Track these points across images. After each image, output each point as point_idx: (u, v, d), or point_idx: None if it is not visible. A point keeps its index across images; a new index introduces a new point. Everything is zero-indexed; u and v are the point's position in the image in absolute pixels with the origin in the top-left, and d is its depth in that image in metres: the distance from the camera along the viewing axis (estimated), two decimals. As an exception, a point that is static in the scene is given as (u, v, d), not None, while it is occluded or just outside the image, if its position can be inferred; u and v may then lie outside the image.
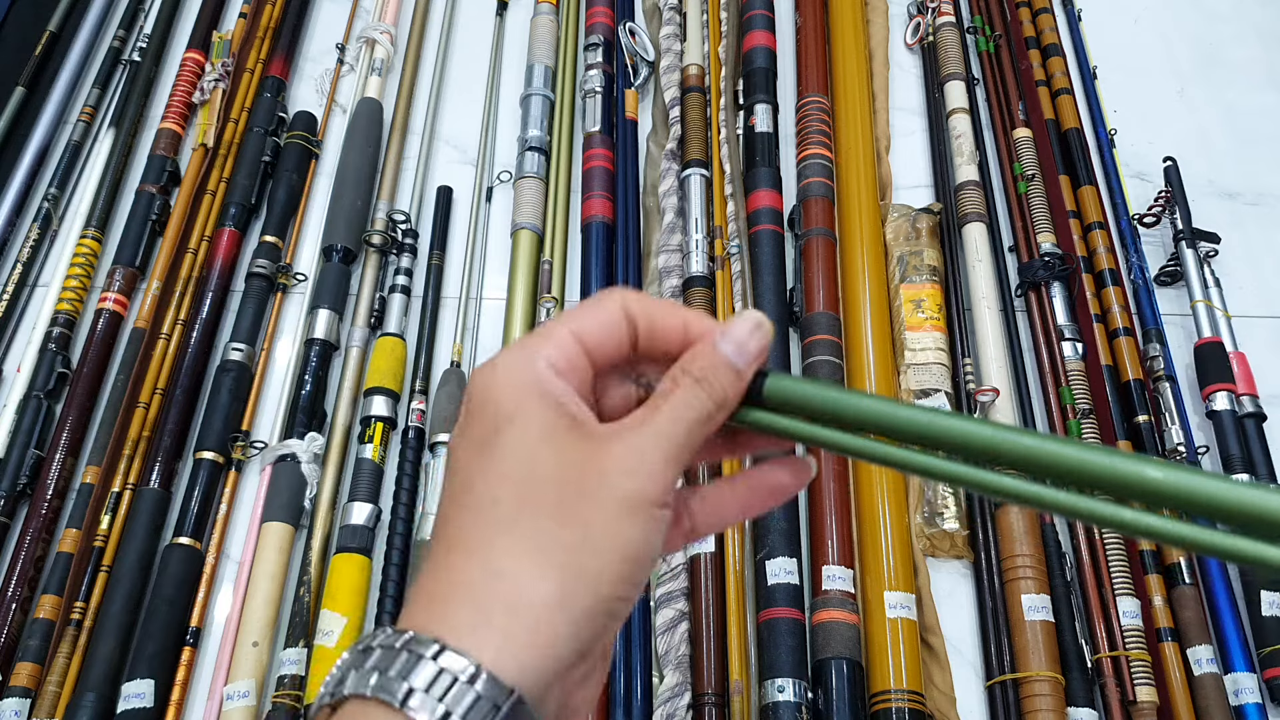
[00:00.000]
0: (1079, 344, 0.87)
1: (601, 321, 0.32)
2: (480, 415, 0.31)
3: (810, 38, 1.04)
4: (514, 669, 0.27)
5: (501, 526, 0.29)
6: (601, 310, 0.32)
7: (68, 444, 0.83)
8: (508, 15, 1.13)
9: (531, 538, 0.29)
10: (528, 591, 0.28)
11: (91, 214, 0.96)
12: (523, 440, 0.30)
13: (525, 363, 0.31)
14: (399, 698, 0.26)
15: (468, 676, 0.26)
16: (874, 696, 0.70)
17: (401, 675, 0.27)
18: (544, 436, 0.30)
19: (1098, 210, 0.94)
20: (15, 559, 0.77)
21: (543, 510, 0.29)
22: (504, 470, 0.30)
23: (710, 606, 0.73)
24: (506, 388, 0.31)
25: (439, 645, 0.27)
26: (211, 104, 1.03)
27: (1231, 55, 1.12)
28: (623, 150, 0.99)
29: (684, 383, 0.31)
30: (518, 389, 0.30)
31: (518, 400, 0.30)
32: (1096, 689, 0.72)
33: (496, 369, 0.31)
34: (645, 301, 0.32)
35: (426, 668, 0.27)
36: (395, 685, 0.27)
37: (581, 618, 0.28)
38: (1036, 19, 1.08)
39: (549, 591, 0.28)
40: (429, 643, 0.27)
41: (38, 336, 0.89)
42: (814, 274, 0.88)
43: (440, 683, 0.26)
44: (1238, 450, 0.81)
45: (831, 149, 0.97)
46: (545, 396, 0.30)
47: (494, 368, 0.31)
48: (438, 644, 0.27)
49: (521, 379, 0.31)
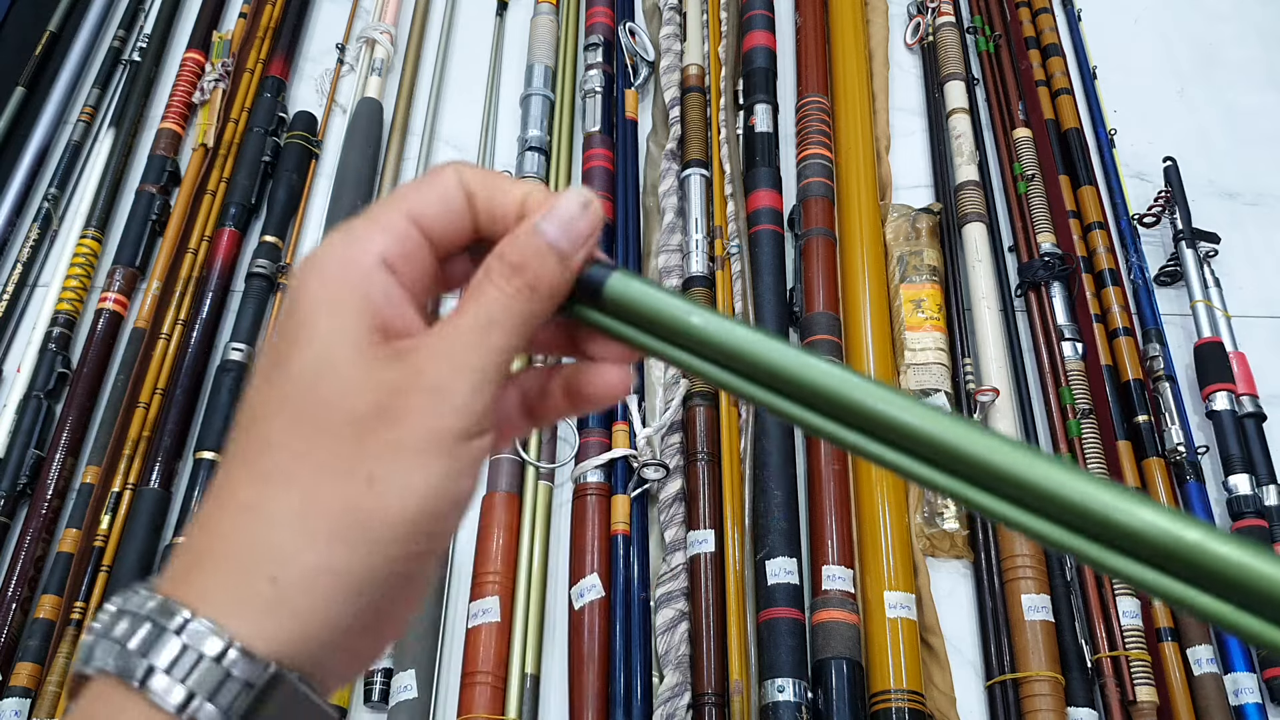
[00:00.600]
0: (1079, 344, 0.87)
1: (440, 199, 0.27)
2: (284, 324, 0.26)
3: (810, 38, 1.04)
4: (275, 641, 0.24)
5: (274, 474, 0.25)
6: (438, 186, 0.27)
7: (68, 444, 0.83)
8: (508, 15, 1.13)
9: (307, 489, 0.25)
10: (297, 555, 0.24)
11: (91, 214, 0.96)
12: (314, 363, 0.25)
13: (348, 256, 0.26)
14: (138, 677, 0.23)
15: (216, 653, 0.23)
16: (874, 696, 0.70)
17: (143, 650, 0.23)
18: (341, 357, 0.25)
19: (1098, 210, 0.94)
20: (15, 559, 0.77)
21: (324, 454, 0.25)
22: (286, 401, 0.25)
23: (710, 606, 0.73)
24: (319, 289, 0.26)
25: (187, 615, 0.24)
26: (211, 104, 1.03)
27: (1231, 55, 1.12)
28: (623, 150, 0.99)
29: (498, 274, 0.27)
30: (332, 290, 0.26)
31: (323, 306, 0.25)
32: (1096, 689, 0.72)
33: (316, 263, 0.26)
34: (483, 174, 0.28)
35: (170, 643, 0.23)
36: (135, 663, 0.23)
37: (363, 582, 0.25)
38: (1036, 19, 1.08)
39: (321, 555, 0.24)
40: (177, 612, 0.24)
41: (38, 336, 0.89)
42: (814, 274, 0.88)
43: (184, 660, 0.23)
44: (1237, 450, 0.81)
45: (831, 149, 0.97)
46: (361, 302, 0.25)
47: (314, 262, 0.26)
48: (187, 614, 0.24)
49: (339, 276, 0.26)
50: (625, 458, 0.80)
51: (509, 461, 0.80)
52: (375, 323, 0.26)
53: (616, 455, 0.79)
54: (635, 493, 0.79)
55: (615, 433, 0.81)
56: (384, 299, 0.26)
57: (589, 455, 0.80)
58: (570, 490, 0.81)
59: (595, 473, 0.79)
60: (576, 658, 0.73)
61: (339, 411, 0.25)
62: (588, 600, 0.74)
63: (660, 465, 0.79)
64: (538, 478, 0.81)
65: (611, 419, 0.81)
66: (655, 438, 0.80)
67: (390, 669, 0.72)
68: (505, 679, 0.72)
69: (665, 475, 0.79)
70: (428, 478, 0.25)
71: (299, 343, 0.25)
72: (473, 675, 0.71)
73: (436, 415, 0.25)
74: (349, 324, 0.25)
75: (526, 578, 0.76)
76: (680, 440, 0.81)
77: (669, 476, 0.79)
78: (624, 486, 0.79)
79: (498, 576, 0.75)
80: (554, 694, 0.74)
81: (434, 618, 0.74)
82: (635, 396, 0.83)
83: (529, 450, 0.81)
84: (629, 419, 0.81)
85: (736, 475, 0.78)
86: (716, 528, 0.76)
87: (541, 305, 0.27)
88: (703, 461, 0.79)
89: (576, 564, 0.76)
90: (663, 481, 0.79)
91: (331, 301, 0.25)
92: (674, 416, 0.82)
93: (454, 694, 0.73)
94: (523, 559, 0.77)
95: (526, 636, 0.74)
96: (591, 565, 0.76)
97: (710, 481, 0.78)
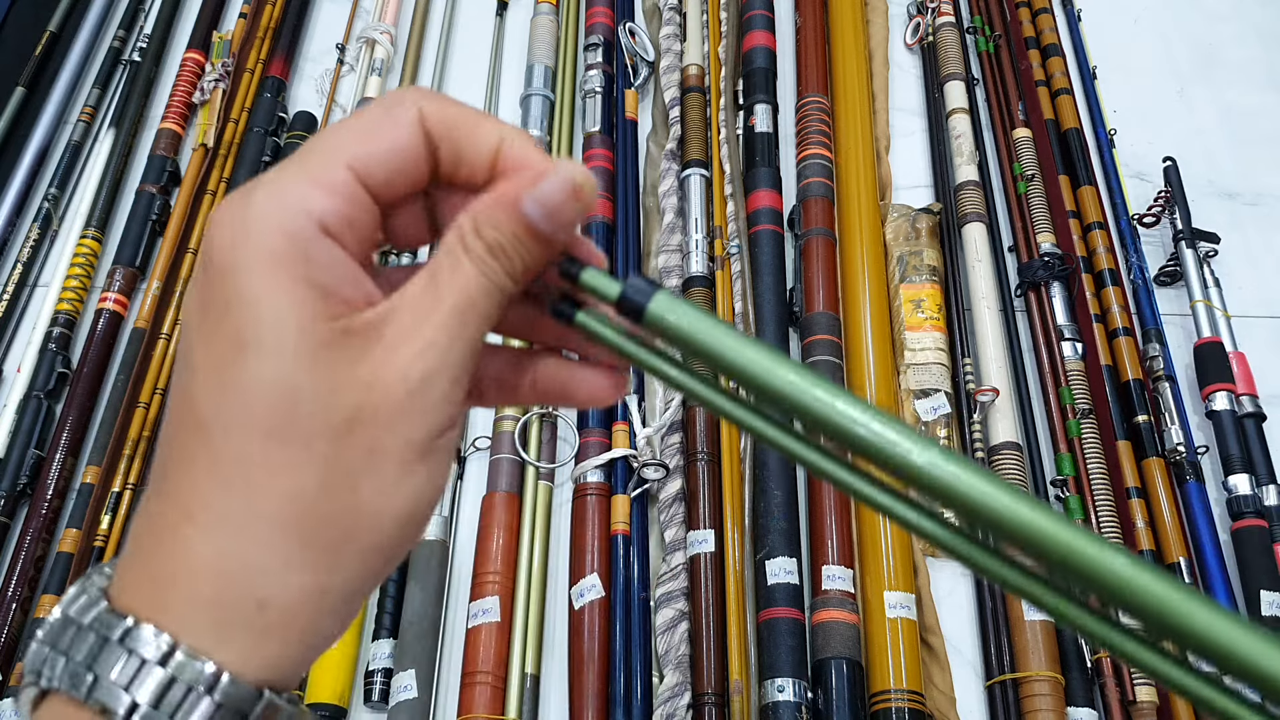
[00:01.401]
0: (1079, 344, 0.87)
1: (392, 147, 0.24)
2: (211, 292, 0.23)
3: (810, 38, 1.04)
4: (264, 667, 0.22)
5: (249, 489, 0.22)
6: (391, 131, 0.24)
7: (68, 444, 0.83)
8: (508, 15, 1.13)
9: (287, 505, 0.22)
10: (284, 577, 0.22)
11: (91, 214, 0.96)
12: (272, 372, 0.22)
13: (283, 225, 0.22)
14: (121, 712, 0.21)
15: (206, 684, 0.22)
16: (874, 696, 0.70)
17: (124, 683, 0.21)
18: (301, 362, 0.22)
19: (1097, 210, 0.94)
20: (15, 559, 0.77)
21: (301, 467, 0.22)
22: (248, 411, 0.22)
23: (710, 606, 0.73)
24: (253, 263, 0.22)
25: (169, 644, 0.22)
26: (211, 104, 1.03)
27: (1231, 55, 1.12)
28: (623, 150, 0.99)
29: (473, 253, 0.24)
30: (269, 269, 0.22)
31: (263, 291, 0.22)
32: (1096, 689, 0.72)
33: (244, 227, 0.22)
34: (449, 111, 0.24)
35: (154, 675, 0.21)
36: (115, 696, 0.21)
37: (350, 595, 0.23)
38: (1036, 19, 1.08)
39: (309, 576, 0.23)
40: (155, 639, 0.22)
41: (38, 336, 0.89)
42: (814, 274, 0.88)
43: (172, 694, 0.21)
44: (1237, 450, 0.81)
45: (831, 149, 0.97)
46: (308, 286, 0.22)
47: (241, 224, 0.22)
48: (168, 642, 0.22)
49: (277, 253, 0.22)
50: (625, 458, 0.80)
51: (509, 461, 0.80)
52: (332, 305, 0.23)
53: (616, 455, 0.79)
54: (635, 493, 0.79)
55: (615, 433, 0.81)
56: (334, 276, 0.23)
57: (589, 455, 0.80)
58: (570, 490, 0.81)
59: (595, 473, 0.79)
60: (576, 658, 0.73)
61: (314, 417, 0.22)
62: (588, 600, 0.74)
63: (660, 465, 0.79)
64: (538, 478, 0.81)
65: (611, 419, 0.81)
66: (655, 438, 0.80)
67: (390, 669, 0.72)
68: (505, 679, 0.72)
69: (665, 475, 0.79)
70: (412, 483, 0.24)
71: (244, 338, 0.22)
72: (473, 675, 0.71)
73: (416, 415, 0.23)
74: (298, 315, 0.22)
75: (526, 578, 0.76)
76: (680, 440, 0.81)
77: (669, 476, 0.79)
78: (624, 486, 0.79)
79: (498, 576, 0.75)
80: (554, 694, 0.74)
81: (434, 618, 0.74)
82: (635, 396, 0.83)
83: (529, 450, 0.81)
84: (629, 419, 0.81)
85: (736, 475, 0.78)
86: (716, 528, 0.76)
87: (515, 287, 0.25)
88: (703, 461, 0.79)
89: (576, 564, 0.77)
90: (663, 481, 0.79)
91: (271, 285, 0.22)
92: (674, 416, 0.82)
93: (454, 694, 0.73)
94: (523, 559, 0.77)
95: (526, 636, 0.74)
96: (591, 565, 0.76)
97: (710, 481, 0.78)
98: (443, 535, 0.78)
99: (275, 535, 0.22)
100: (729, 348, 0.25)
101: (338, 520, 0.23)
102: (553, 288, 0.27)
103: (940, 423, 0.82)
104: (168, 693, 0.21)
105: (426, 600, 0.74)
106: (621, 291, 0.25)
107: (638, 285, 0.25)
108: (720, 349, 0.25)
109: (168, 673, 0.21)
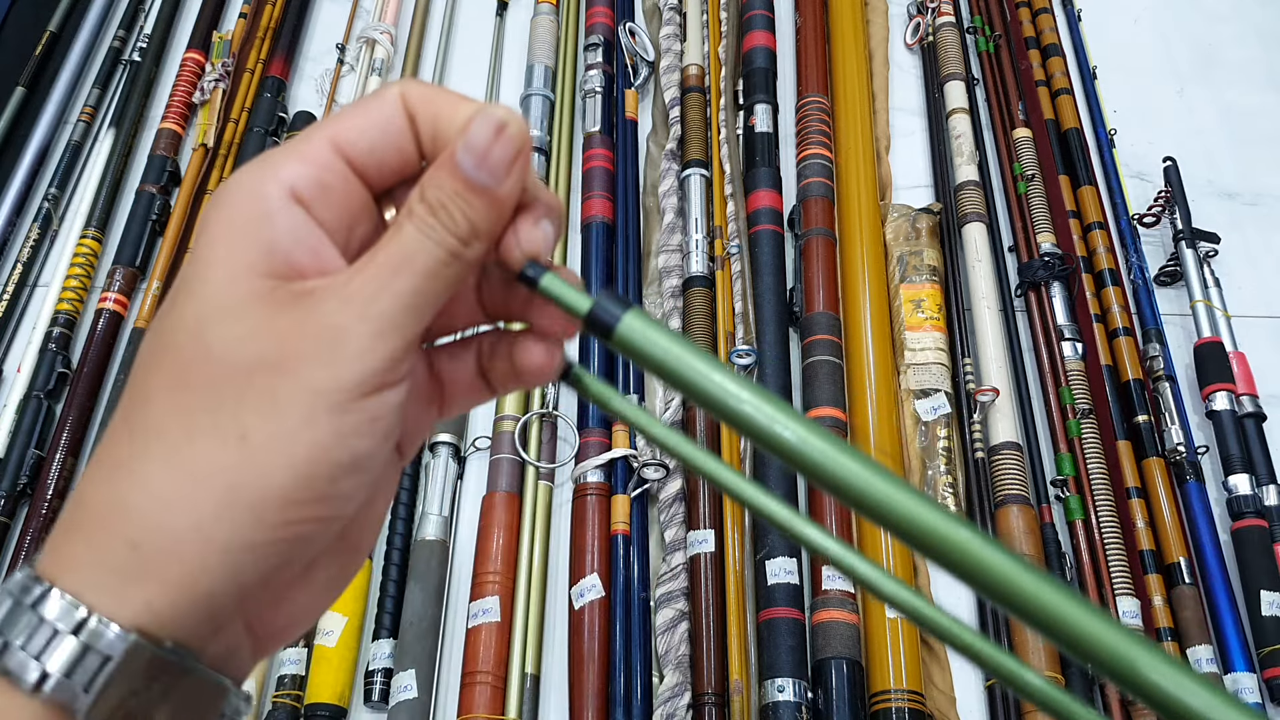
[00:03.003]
0: (1079, 344, 0.88)
1: (372, 124, 0.24)
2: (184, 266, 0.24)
3: (810, 38, 1.04)
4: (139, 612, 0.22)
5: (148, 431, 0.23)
6: (373, 109, 0.24)
7: (68, 444, 0.83)
8: (508, 15, 1.13)
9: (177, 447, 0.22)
10: (160, 518, 0.22)
11: (91, 214, 0.96)
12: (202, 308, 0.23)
13: (254, 188, 0.23)
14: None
15: (72, 625, 0.22)
16: (874, 696, 0.70)
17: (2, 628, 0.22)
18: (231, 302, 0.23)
19: (1097, 210, 0.94)
20: (15, 559, 0.77)
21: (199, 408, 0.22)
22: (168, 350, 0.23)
23: (710, 606, 0.73)
24: (220, 225, 0.23)
25: (45, 588, 0.22)
26: (212, 104, 1.03)
27: (1231, 55, 1.12)
28: (623, 150, 0.99)
29: (415, 215, 0.24)
30: (232, 227, 0.23)
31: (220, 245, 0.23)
32: (1096, 689, 0.72)
33: (222, 197, 0.24)
34: (431, 92, 0.25)
35: (26, 617, 0.22)
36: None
37: (240, 550, 0.22)
38: (1036, 19, 1.08)
39: (187, 519, 0.22)
40: (36, 585, 0.23)
41: (38, 336, 0.89)
42: (814, 274, 0.88)
43: (39, 636, 0.22)
44: (1237, 450, 0.81)
45: (831, 149, 0.97)
46: (261, 240, 0.23)
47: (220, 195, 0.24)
48: (45, 586, 0.22)
49: (242, 211, 0.23)
50: (625, 458, 0.80)
51: (509, 461, 0.80)
52: (275, 263, 0.23)
53: (616, 455, 0.79)
54: (635, 493, 0.79)
55: (615, 433, 0.81)
56: (289, 237, 0.23)
57: (589, 455, 0.80)
58: (570, 490, 0.81)
59: (595, 473, 0.79)
60: (576, 658, 0.73)
61: (221, 362, 0.22)
62: (588, 600, 0.74)
63: (660, 465, 0.79)
64: (538, 478, 0.81)
65: (611, 419, 0.81)
66: (655, 438, 0.80)
67: (390, 669, 0.72)
68: (505, 679, 0.72)
69: (665, 475, 0.79)
70: (312, 436, 0.22)
71: (191, 286, 0.23)
72: (473, 675, 0.71)
73: (325, 365, 0.22)
74: (244, 264, 0.23)
75: (526, 578, 0.76)
76: (680, 440, 0.81)
77: (669, 476, 0.79)
78: (624, 486, 0.79)
79: (498, 576, 0.75)
80: (554, 694, 0.74)
81: (434, 618, 0.74)
82: (635, 396, 0.83)
83: (529, 450, 0.81)
84: (629, 419, 0.81)
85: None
86: (716, 528, 0.76)
87: (467, 249, 0.24)
88: (703, 461, 0.79)
89: (576, 564, 0.77)
90: (663, 481, 0.79)
91: (230, 240, 0.23)
92: (674, 416, 0.82)
93: (454, 694, 0.73)
94: (523, 559, 0.77)
95: (526, 636, 0.74)
96: (591, 565, 0.76)
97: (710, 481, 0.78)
98: (443, 535, 0.78)
99: (156, 477, 0.22)
100: (698, 374, 0.25)
101: (224, 467, 0.22)
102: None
103: (940, 423, 0.82)
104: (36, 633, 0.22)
105: (426, 600, 0.74)
106: (590, 309, 0.25)
107: (606, 304, 0.25)
108: (689, 376, 0.25)
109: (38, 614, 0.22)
